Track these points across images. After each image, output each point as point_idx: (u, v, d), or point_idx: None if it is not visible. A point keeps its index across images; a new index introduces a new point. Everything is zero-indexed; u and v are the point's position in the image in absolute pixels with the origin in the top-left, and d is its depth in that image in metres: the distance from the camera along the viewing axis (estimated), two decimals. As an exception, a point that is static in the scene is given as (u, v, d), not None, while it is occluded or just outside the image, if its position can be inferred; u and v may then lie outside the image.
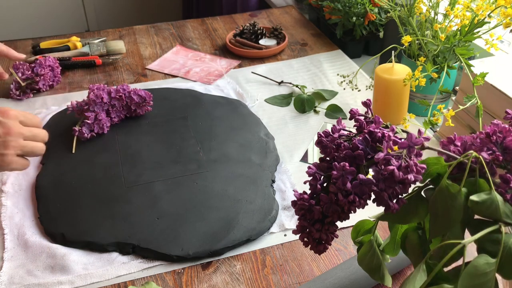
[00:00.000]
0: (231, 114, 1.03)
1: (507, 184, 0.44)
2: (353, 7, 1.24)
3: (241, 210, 0.79)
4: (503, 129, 0.47)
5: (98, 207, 0.80)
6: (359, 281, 0.66)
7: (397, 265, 0.69)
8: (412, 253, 0.53)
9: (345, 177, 0.48)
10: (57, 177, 0.87)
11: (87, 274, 0.71)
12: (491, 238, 0.43)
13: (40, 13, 2.66)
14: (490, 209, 0.44)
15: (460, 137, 0.50)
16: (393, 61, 0.96)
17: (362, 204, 0.48)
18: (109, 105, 0.97)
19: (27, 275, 0.70)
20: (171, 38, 1.38)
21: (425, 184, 0.50)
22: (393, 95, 0.96)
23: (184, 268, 0.72)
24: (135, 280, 0.70)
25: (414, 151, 0.47)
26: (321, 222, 0.51)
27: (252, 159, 0.90)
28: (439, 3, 0.94)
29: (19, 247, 0.75)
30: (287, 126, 1.02)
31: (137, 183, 0.85)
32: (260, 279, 0.70)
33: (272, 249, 0.75)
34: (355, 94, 1.11)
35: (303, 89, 1.11)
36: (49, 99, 1.11)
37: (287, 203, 0.82)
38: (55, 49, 1.28)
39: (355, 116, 0.53)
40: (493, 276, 0.42)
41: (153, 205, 0.80)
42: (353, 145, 0.50)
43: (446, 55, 0.92)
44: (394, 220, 0.51)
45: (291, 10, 1.55)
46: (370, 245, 0.53)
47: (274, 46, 1.29)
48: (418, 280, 0.45)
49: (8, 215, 0.80)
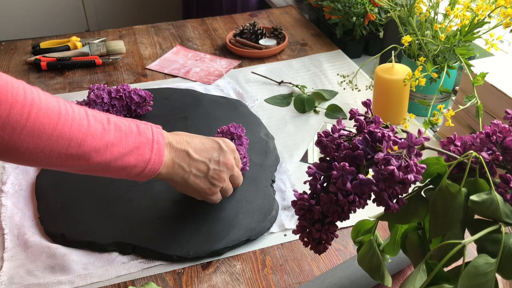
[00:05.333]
0: (231, 114, 1.03)
1: (507, 184, 0.44)
2: (353, 7, 1.24)
3: (241, 210, 0.79)
4: (503, 129, 0.47)
5: (98, 207, 0.80)
6: (359, 281, 0.66)
7: (397, 265, 0.69)
8: (412, 253, 0.53)
9: (345, 177, 0.48)
10: (57, 177, 0.87)
11: (87, 274, 0.71)
12: (491, 238, 0.43)
13: (40, 13, 2.66)
14: (490, 209, 0.44)
15: (460, 137, 0.50)
16: (393, 61, 0.96)
17: (362, 204, 0.48)
18: (109, 105, 0.97)
19: (27, 275, 0.70)
20: (171, 38, 1.38)
21: (425, 184, 0.50)
22: (393, 95, 0.96)
23: (184, 268, 0.72)
24: (135, 280, 0.70)
25: (414, 151, 0.47)
26: (321, 222, 0.51)
27: (252, 159, 0.90)
28: (439, 3, 0.94)
29: (19, 247, 0.75)
30: (287, 126, 1.02)
31: (137, 183, 0.85)
32: (260, 279, 0.70)
33: (272, 249, 0.75)
34: (355, 94, 1.11)
35: (303, 89, 1.11)
36: (49, 99, 1.11)
37: (287, 203, 0.82)
38: (55, 49, 1.28)
39: (355, 116, 0.53)
40: (493, 276, 0.42)
41: (153, 205, 0.80)
42: (353, 145, 0.50)
43: (446, 55, 0.92)
44: (394, 220, 0.51)
45: (291, 10, 1.55)
46: (370, 245, 0.53)
47: (274, 46, 1.29)
48: (418, 280, 0.45)
49: (8, 215, 0.80)
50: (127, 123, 0.65)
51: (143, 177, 0.67)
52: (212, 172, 0.72)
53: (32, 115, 0.55)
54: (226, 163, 0.73)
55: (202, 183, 0.72)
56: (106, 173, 0.64)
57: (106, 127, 0.62)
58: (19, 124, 0.54)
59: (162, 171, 0.68)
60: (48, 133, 0.56)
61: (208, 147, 0.73)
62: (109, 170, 0.63)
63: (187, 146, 0.71)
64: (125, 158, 0.63)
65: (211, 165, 0.72)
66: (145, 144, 0.65)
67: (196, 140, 0.73)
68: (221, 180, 0.73)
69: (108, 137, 0.61)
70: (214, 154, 0.73)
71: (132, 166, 0.64)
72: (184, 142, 0.71)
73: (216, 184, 0.73)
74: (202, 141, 0.73)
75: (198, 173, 0.71)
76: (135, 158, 0.64)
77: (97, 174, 0.64)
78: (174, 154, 0.69)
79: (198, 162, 0.71)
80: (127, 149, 0.63)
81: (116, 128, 0.63)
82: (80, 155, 0.59)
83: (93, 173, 0.64)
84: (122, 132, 0.63)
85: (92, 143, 0.60)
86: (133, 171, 0.65)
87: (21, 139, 0.55)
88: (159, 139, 0.67)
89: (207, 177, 0.72)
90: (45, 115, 0.56)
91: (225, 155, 0.73)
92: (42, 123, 0.56)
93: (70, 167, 0.61)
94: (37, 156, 0.57)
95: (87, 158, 0.60)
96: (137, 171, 0.65)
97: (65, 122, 0.58)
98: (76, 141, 0.58)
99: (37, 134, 0.55)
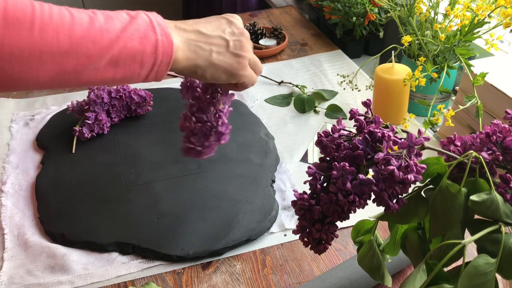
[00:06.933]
0: (231, 114, 1.03)
1: (507, 184, 0.44)
2: (353, 7, 1.24)
3: (241, 210, 0.79)
4: (503, 129, 0.47)
5: (98, 207, 0.80)
6: (359, 281, 0.66)
7: (397, 265, 0.69)
8: (412, 253, 0.53)
9: (345, 177, 0.48)
10: (57, 177, 0.87)
11: (87, 274, 0.71)
12: (491, 238, 0.43)
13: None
14: (490, 209, 0.44)
15: (460, 137, 0.50)
16: (393, 61, 0.96)
17: (362, 204, 0.48)
18: (109, 105, 0.97)
19: (27, 275, 0.70)
20: (171, 38, 1.38)
21: (425, 184, 0.50)
22: (393, 95, 0.96)
23: (184, 268, 0.72)
24: (135, 280, 0.70)
25: (414, 151, 0.47)
26: (321, 222, 0.51)
27: (252, 159, 0.90)
28: (439, 3, 0.94)
29: (19, 247, 0.75)
30: (287, 126, 1.02)
31: (137, 183, 0.85)
32: (260, 279, 0.70)
33: (272, 249, 0.75)
34: (355, 94, 1.11)
35: (303, 89, 1.11)
36: (49, 99, 1.11)
37: (287, 203, 0.82)
38: (55, 49, 1.28)
39: (355, 116, 0.53)
40: (493, 276, 0.42)
41: (153, 205, 0.80)
42: (353, 145, 0.50)
43: (446, 55, 0.92)
44: (394, 220, 0.51)
45: (291, 10, 1.55)
46: (370, 245, 0.53)
47: (274, 46, 1.29)
48: (418, 280, 0.45)
49: (8, 215, 0.80)
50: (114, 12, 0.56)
51: (160, 68, 0.57)
52: (232, 44, 0.64)
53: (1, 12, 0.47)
54: (241, 33, 0.65)
55: (228, 58, 0.63)
56: (117, 69, 0.55)
57: (92, 15, 0.53)
58: None
59: (179, 55, 0.59)
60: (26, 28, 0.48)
61: (216, 23, 0.65)
62: (118, 63, 0.55)
63: (195, 26, 0.63)
64: (128, 44, 0.54)
65: (228, 36, 0.64)
66: (144, 25, 0.56)
67: (201, 20, 0.65)
68: (245, 49, 0.65)
69: (97, 22, 0.53)
70: (225, 27, 0.65)
71: (141, 53, 0.55)
72: (190, 23, 0.63)
73: (242, 55, 0.64)
74: (207, 19, 0.66)
75: (219, 49, 0.63)
76: (139, 42, 0.55)
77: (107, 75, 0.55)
78: (185, 35, 0.61)
79: (214, 37, 0.63)
80: (125, 32, 0.54)
81: (104, 14, 0.55)
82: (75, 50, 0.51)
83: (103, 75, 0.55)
84: (112, 16, 0.55)
85: (83, 31, 0.51)
86: (145, 60, 0.56)
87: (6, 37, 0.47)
88: (158, 20, 0.58)
89: (230, 50, 0.64)
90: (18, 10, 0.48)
91: (236, 25, 0.66)
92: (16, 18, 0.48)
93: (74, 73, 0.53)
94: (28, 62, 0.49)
95: (85, 52, 0.51)
96: (150, 60, 0.56)
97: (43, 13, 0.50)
98: (64, 31, 0.50)
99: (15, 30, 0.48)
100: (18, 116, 1.05)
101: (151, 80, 0.58)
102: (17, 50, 0.48)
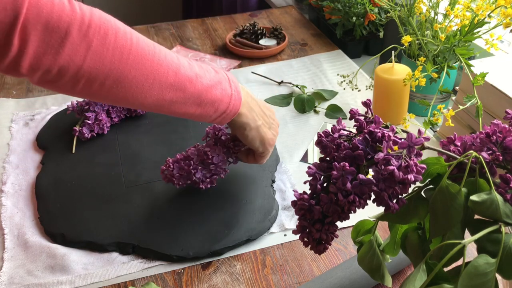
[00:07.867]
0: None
1: (507, 184, 0.44)
2: (353, 7, 1.24)
3: (241, 210, 0.79)
4: (503, 129, 0.47)
5: (98, 207, 0.80)
6: (359, 281, 0.66)
7: (397, 265, 0.69)
8: (412, 253, 0.53)
9: (345, 177, 0.48)
10: (57, 177, 0.87)
11: (87, 274, 0.71)
12: (491, 238, 0.43)
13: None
14: (490, 209, 0.44)
15: (460, 137, 0.50)
16: (393, 61, 0.96)
17: (362, 204, 0.48)
18: (109, 105, 0.97)
19: (27, 275, 0.70)
20: (171, 38, 1.38)
21: (425, 184, 0.50)
22: (393, 95, 0.96)
23: (184, 268, 0.72)
24: (135, 280, 0.70)
25: (414, 151, 0.47)
26: (321, 222, 0.51)
27: (252, 159, 0.90)
28: (439, 3, 0.94)
29: (19, 247, 0.75)
30: (287, 126, 1.02)
31: (137, 183, 0.85)
32: (260, 279, 0.70)
33: (272, 249, 0.75)
34: (355, 94, 1.11)
35: (303, 89, 1.11)
36: (49, 99, 1.11)
37: (287, 203, 0.82)
38: (55, 49, 1.28)
39: (355, 116, 0.53)
40: (493, 276, 0.42)
41: (153, 205, 0.80)
42: (353, 145, 0.50)
43: (446, 55, 0.92)
44: (394, 220, 0.51)
45: (291, 10, 1.55)
46: (370, 245, 0.53)
47: (274, 46, 1.29)
48: (418, 280, 0.45)
49: (8, 215, 0.80)
50: (202, 64, 0.69)
51: (227, 115, 0.69)
52: (273, 129, 0.77)
53: (134, 41, 0.58)
54: (277, 123, 0.79)
55: (267, 132, 0.75)
56: (198, 108, 0.66)
57: (190, 62, 0.65)
58: (125, 48, 0.57)
59: (242, 110, 0.70)
60: (149, 59, 0.60)
61: (269, 108, 0.77)
62: (201, 104, 0.65)
63: (256, 98, 0.75)
64: (212, 91, 0.66)
65: (269, 119, 0.76)
66: (224, 80, 0.68)
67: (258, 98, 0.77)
68: (277, 135, 0.78)
69: (194, 69, 0.65)
70: (273, 117, 0.78)
71: (219, 100, 0.67)
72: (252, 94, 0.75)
73: (276, 136, 0.77)
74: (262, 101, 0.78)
75: (264, 122, 0.75)
76: (220, 92, 0.67)
77: (189, 110, 0.66)
78: (250, 98, 0.72)
79: (265, 116, 0.75)
80: (212, 82, 0.66)
81: (197, 64, 0.67)
82: (177, 85, 0.62)
83: (187, 109, 0.65)
84: (203, 68, 0.67)
85: (185, 73, 0.63)
86: (220, 106, 0.67)
87: (128, 64, 0.58)
88: (231, 77, 0.70)
89: (270, 128, 0.76)
90: (143, 42, 0.60)
91: (276, 122, 0.78)
92: (143, 49, 0.59)
93: (169, 102, 0.63)
94: (142, 86, 0.60)
95: (183, 88, 0.63)
96: (223, 107, 0.68)
97: (160, 51, 0.62)
98: (173, 69, 0.62)
99: (141, 59, 0.59)
100: (18, 116, 1.05)
101: (215, 122, 0.70)
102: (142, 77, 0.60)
